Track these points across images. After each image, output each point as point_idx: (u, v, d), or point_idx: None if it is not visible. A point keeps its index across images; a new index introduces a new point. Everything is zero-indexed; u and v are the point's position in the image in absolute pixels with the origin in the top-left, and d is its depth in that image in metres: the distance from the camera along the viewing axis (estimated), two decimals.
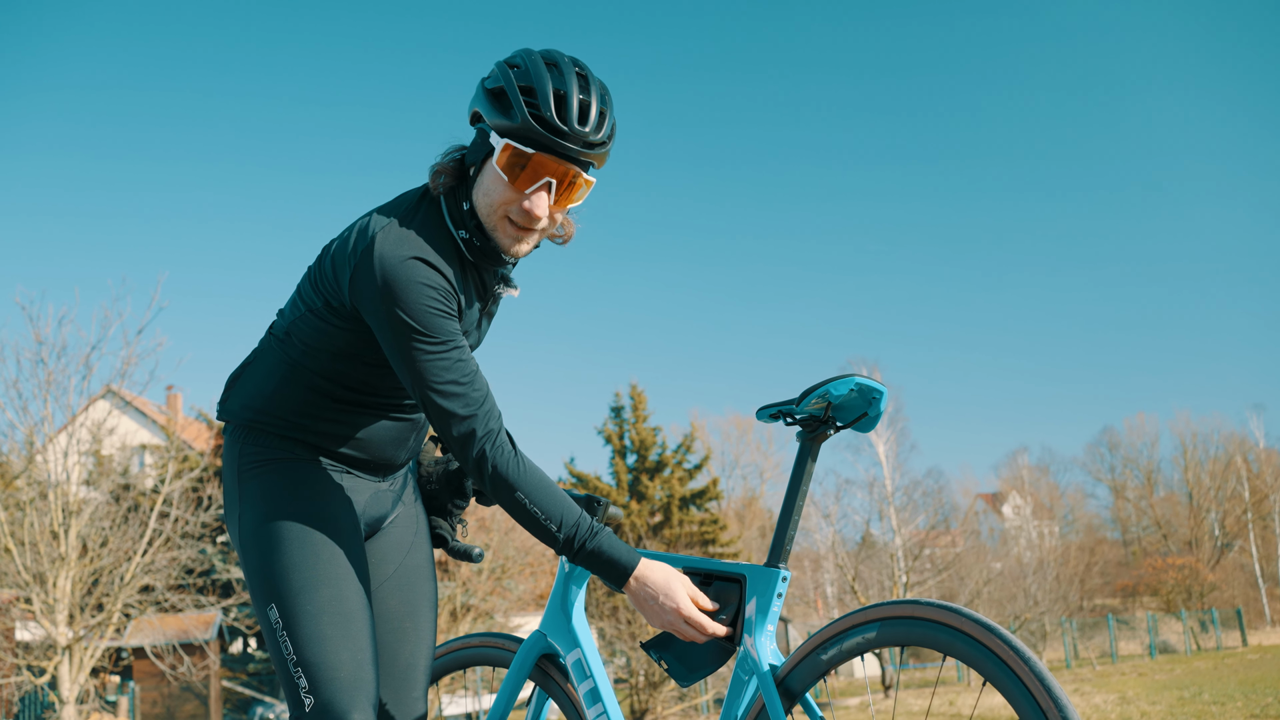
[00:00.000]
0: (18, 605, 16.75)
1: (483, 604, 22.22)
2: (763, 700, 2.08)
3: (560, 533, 2.04)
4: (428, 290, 1.98)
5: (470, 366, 2.03)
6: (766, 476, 53.00)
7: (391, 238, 2.01)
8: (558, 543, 2.05)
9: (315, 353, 2.15)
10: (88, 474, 18.28)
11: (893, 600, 1.97)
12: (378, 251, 1.99)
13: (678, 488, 32.14)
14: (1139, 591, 47.55)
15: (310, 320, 2.14)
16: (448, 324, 2.00)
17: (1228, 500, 53.66)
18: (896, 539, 29.81)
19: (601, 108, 2.04)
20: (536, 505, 2.03)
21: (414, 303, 1.96)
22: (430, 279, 1.99)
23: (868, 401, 2.13)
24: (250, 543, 2.14)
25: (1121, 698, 15.81)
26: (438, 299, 1.99)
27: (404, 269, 1.97)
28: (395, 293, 1.96)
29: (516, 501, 2.03)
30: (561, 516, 2.04)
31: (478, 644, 2.64)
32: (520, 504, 2.03)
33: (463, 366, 2.01)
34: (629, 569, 2.08)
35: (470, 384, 2.02)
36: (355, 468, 2.28)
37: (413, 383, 2.01)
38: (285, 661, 2.03)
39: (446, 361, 1.99)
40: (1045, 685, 1.71)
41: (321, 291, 2.11)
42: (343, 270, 2.05)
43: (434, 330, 1.98)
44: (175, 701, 24.81)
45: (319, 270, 2.14)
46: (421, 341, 1.98)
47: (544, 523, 2.03)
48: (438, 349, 1.99)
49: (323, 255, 2.15)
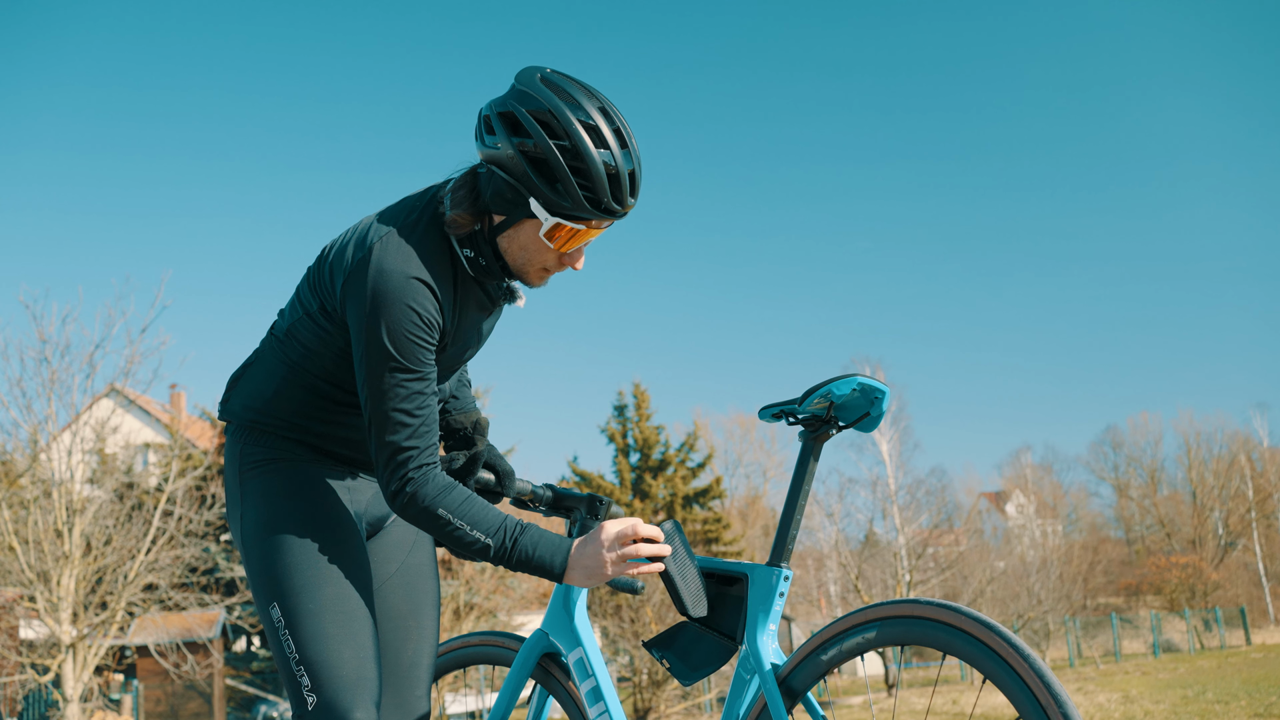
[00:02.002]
0: (22, 603, 16.78)
1: (486, 602, 22.23)
2: (764, 699, 2.08)
3: (491, 543, 2.01)
4: (412, 315, 1.97)
5: (428, 400, 2.03)
6: (770, 475, 53.03)
7: (390, 250, 2.00)
8: (489, 554, 2.02)
9: (314, 355, 2.15)
10: (91, 472, 18.29)
11: (893, 600, 1.97)
12: (374, 263, 1.98)
13: (681, 486, 32.14)
14: (1142, 590, 47.50)
15: (308, 323, 2.14)
16: (421, 353, 2.00)
17: (1231, 499, 53.57)
18: (900, 538, 29.79)
19: (639, 167, 2.04)
20: (463, 521, 2.00)
21: (396, 325, 1.96)
22: (420, 304, 1.98)
23: (870, 401, 2.13)
24: (252, 542, 2.14)
25: (1125, 697, 15.80)
26: (420, 326, 1.98)
27: (397, 287, 1.97)
28: (381, 309, 1.96)
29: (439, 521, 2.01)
30: (488, 528, 2.01)
31: (478, 643, 2.64)
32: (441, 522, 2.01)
33: (420, 399, 2.01)
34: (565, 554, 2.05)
35: (423, 416, 2.02)
36: (356, 468, 2.28)
37: (369, 398, 2.01)
38: (287, 660, 2.04)
39: (406, 390, 1.99)
40: (1045, 683, 1.71)
41: (319, 295, 2.11)
42: (338, 276, 2.05)
43: (406, 356, 1.98)
44: (179, 700, 24.86)
45: (317, 273, 2.13)
46: (391, 364, 1.98)
47: (470, 532, 2.00)
48: (403, 376, 1.99)
49: (321, 258, 2.14)
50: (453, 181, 2.09)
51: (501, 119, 1.99)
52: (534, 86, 1.99)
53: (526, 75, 2.02)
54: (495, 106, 2.01)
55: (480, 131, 2.04)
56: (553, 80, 2.00)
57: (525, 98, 1.98)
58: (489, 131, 2.01)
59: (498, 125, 1.99)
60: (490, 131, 2.01)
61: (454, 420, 2.48)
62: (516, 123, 1.98)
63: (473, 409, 2.53)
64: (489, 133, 2.01)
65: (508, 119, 1.98)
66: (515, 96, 1.99)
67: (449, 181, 2.11)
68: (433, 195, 2.12)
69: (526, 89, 1.99)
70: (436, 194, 2.11)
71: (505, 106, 1.99)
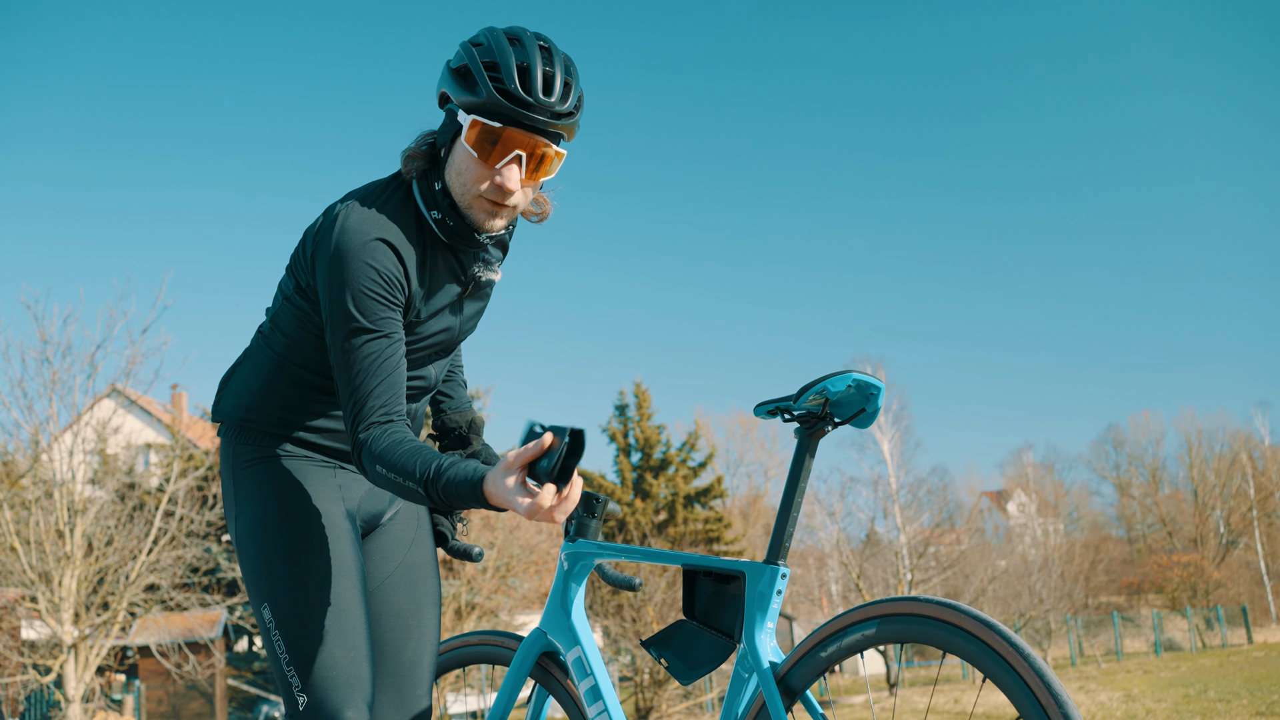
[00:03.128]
0: (23, 604, 16.79)
1: (487, 602, 22.21)
2: (763, 698, 2.07)
3: (418, 484, 1.87)
4: (371, 271, 1.99)
5: (389, 360, 2.00)
6: (771, 474, 53.03)
7: (354, 216, 2.03)
8: (420, 494, 1.88)
9: (295, 343, 2.16)
10: (93, 473, 18.30)
11: (893, 597, 1.96)
12: (339, 226, 2.02)
13: (682, 486, 32.15)
14: (1144, 589, 47.50)
15: (288, 307, 2.17)
16: (381, 309, 2.00)
17: (1233, 497, 53.56)
18: (901, 537, 29.81)
19: (566, 78, 2.04)
20: (394, 468, 1.89)
21: (354, 280, 1.98)
22: (381, 262, 2.00)
23: (865, 397, 2.12)
24: (246, 542, 2.14)
25: (1126, 695, 15.79)
26: (379, 282, 2.00)
27: (358, 246, 1.99)
28: (342, 267, 1.99)
29: (378, 474, 1.93)
30: (414, 468, 1.88)
31: (477, 642, 2.64)
32: (382, 475, 1.92)
33: (380, 358, 1.99)
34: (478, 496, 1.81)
35: (381, 377, 1.98)
36: (348, 463, 2.28)
37: (334, 359, 2.01)
38: (279, 660, 2.03)
39: (367, 350, 1.99)
40: (1045, 682, 1.70)
41: (295, 274, 2.15)
42: (309, 246, 2.09)
43: (365, 312, 1.99)
44: (181, 700, 24.87)
45: (298, 254, 2.16)
46: (351, 323, 1.98)
47: (404, 483, 1.89)
48: (364, 335, 1.99)
49: (301, 240, 2.17)
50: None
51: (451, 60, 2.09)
52: (484, 30, 2.07)
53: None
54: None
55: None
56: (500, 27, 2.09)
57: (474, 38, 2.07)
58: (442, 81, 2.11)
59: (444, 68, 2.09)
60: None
61: (449, 420, 2.47)
62: (457, 55, 2.07)
63: (468, 409, 2.53)
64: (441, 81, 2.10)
65: (454, 57, 2.08)
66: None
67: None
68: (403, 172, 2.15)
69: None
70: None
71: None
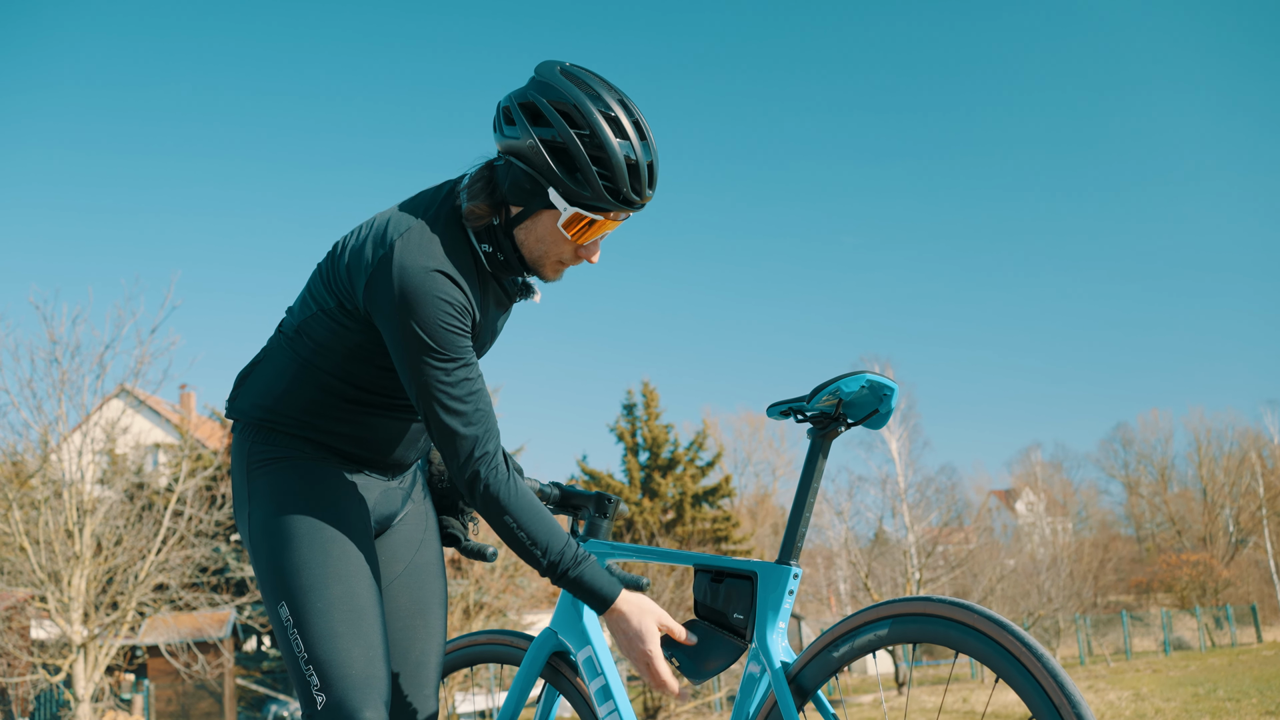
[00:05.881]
0: (33, 604, 16.86)
1: (496, 601, 22.22)
2: (774, 697, 2.07)
3: (545, 558, 2.06)
4: (444, 305, 1.98)
5: (476, 385, 2.04)
6: (779, 474, 52.96)
7: (412, 247, 2.00)
8: (542, 567, 2.07)
9: (327, 352, 2.14)
10: (102, 473, 18.39)
11: (905, 597, 1.96)
12: (397, 260, 1.98)
13: (690, 485, 32.15)
14: (1153, 588, 47.35)
15: (322, 320, 2.13)
16: (459, 340, 2.01)
17: (1242, 496, 53.32)
18: (910, 536, 29.74)
19: (657, 160, 2.06)
20: (524, 529, 2.05)
21: (429, 318, 1.97)
22: (449, 294, 1.99)
23: (879, 398, 2.12)
24: (260, 540, 2.13)
25: (1136, 694, 15.74)
26: (453, 315, 1.99)
27: (423, 281, 1.97)
28: (412, 305, 1.96)
29: (505, 524, 2.06)
30: (548, 543, 2.06)
31: (486, 641, 2.63)
32: (508, 527, 2.05)
33: (469, 384, 2.02)
34: (608, 600, 2.12)
35: (474, 402, 2.03)
36: (365, 466, 2.27)
37: (418, 395, 2.02)
38: (296, 659, 2.03)
39: (454, 378, 2.00)
40: (1058, 681, 1.70)
41: (335, 292, 2.10)
42: (358, 275, 2.03)
43: (446, 346, 1.99)
44: (190, 700, 24.91)
45: (332, 270, 2.11)
46: (432, 357, 1.98)
47: (529, 547, 2.06)
48: (447, 365, 1.99)
49: (336, 254, 2.12)
50: (469, 175, 2.10)
51: (523, 109, 2.01)
52: (554, 78, 2.01)
53: (546, 68, 2.04)
54: (516, 98, 2.03)
55: (499, 123, 2.06)
56: (572, 73, 2.03)
57: (546, 89, 2.00)
58: (509, 122, 2.03)
59: (518, 116, 2.01)
60: (510, 122, 2.03)
61: None
62: (538, 113, 2.00)
63: None
64: (509, 123, 2.03)
65: (529, 109, 2.01)
66: (536, 88, 2.02)
67: (464, 176, 2.12)
68: (449, 190, 2.12)
69: (547, 80, 2.01)
70: (453, 189, 2.12)
71: (526, 97, 2.02)
